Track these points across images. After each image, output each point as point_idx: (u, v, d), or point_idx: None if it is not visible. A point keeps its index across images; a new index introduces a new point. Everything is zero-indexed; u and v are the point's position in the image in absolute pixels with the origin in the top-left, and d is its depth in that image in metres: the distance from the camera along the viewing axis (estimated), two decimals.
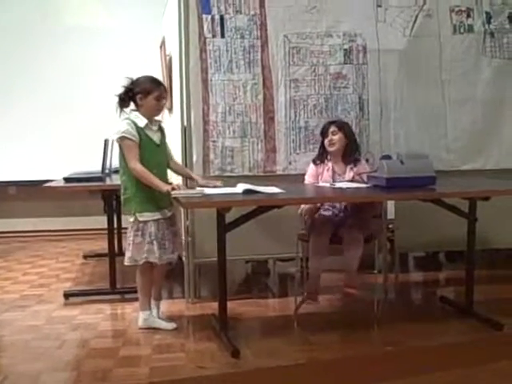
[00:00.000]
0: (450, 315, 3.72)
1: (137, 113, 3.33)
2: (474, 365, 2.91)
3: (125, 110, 3.34)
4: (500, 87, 4.28)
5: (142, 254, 3.30)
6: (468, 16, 4.22)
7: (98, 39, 6.51)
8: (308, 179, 3.80)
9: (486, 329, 3.40)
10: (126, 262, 3.36)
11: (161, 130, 3.43)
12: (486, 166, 4.27)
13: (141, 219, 3.29)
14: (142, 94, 3.30)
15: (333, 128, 3.74)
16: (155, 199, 3.29)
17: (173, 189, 3.14)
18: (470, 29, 4.23)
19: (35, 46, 6.39)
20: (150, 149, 3.31)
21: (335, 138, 3.72)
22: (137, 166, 3.22)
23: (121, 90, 3.33)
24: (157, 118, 3.44)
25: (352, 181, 3.62)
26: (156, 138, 3.37)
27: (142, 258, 3.31)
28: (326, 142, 3.75)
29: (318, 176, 3.77)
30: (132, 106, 3.36)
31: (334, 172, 3.75)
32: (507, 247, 4.40)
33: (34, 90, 6.37)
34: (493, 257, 4.91)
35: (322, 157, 3.80)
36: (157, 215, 3.31)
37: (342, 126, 3.77)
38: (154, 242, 3.29)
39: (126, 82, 3.34)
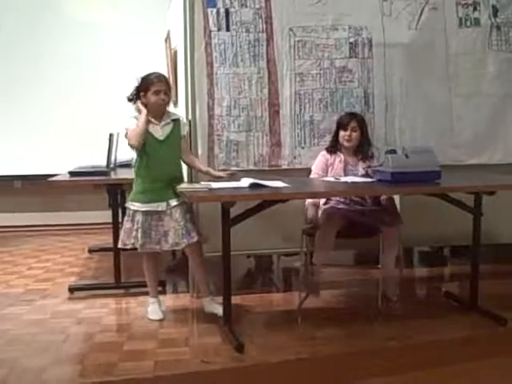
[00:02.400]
0: (454, 310, 3.71)
1: None
2: (477, 359, 2.91)
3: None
4: (506, 81, 4.25)
5: (130, 238, 3.44)
6: (474, 9, 4.19)
7: (102, 33, 6.51)
8: (316, 171, 3.77)
9: (490, 324, 3.39)
10: (119, 245, 3.55)
11: (174, 124, 3.47)
12: (491, 161, 4.25)
13: (131, 207, 3.44)
14: (143, 91, 3.41)
15: (354, 124, 3.72)
16: (148, 192, 3.41)
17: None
18: (477, 22, 4.20)
19: (40, 40, 6.38)
20: (148, 144, 3.38)
21: (354, 134, 3.71)
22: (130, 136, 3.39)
23: (130, 91, 3.46)
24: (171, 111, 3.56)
25: (366, 174, 3.60)
26: (160, 133, 3.42)
27: (130, 243, 3.46)
28: (344, 135, 3.72)
29: (328, 168, 3.74)
30: None
31: (346, 163, 3.73)
32: None
33: (39, 84, 6.37)
34: (497, 252, 4.88)
35: (334, 148, 3.78)
36: (145, 207, 3.41)
37: (362, 123, 3.76)
38: (139, 230, 3.41)
39: (136, 82, 3.45)
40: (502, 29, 4.23)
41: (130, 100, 3.46)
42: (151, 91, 3.37)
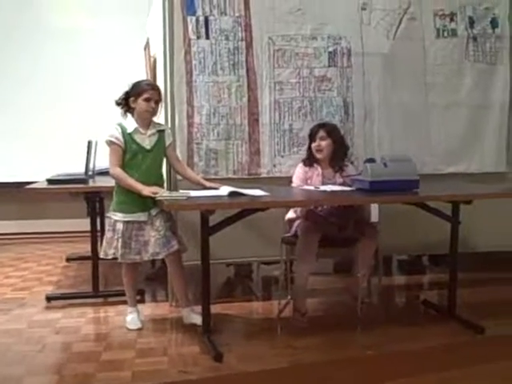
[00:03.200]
0: (432, 319, 3.74)
1: (130, 117, 3.41)
2: (455, 368, 2.93)
3: (128, 114, 3.42)
4: (482, 91, 4.31)
5: (112, 249, 3.41)
6: (451, 20, 4.24)
7: (82, 41, 6.46)
8: (296, 181, 3.74)
9: (468, 332, 3.42)
10: (100, 254, 3.52)
11: (159, 135, 3.44)
12: (469, 170, 4.29)
13: (113, 217, 3.41)
14: (133, 96, 3.38)
15: (322, 133, 3.68)
16: (130, 202, 3.37)
17: (153, 193, 3.19)
18: (454, 33, 4.26)
19: (19, 47, 6.33)
20: (134, 153, 3.36)
21: (323, 143, 3.67)
22: (114, 170, 3.35)
23: (119, 96, 3.42)
24: (157, 121, 3.51)
25: (344, 183, 3.60)
26: (147, 142, 3.39)
27: (111, 253, 3.43)
28: (314, 146, 3.71)
29: (307, 180, 3.71)
30: None
31: (323, 177, 3.70)
32: (489, 250, 4.41)
33: (17, 91, 6.31)
34: (475, 260, 4.92)
35: (310, 161, 3.75)
36: (127, 217, 3.38)
37: (332, 131, 3.71)
38: (120, 240, 3.37)
39: (127, 88, 3.41)
40: (479, 40, 4.29)
41: (118, 104, 3.42)
42: (142, 97, 3.34)
